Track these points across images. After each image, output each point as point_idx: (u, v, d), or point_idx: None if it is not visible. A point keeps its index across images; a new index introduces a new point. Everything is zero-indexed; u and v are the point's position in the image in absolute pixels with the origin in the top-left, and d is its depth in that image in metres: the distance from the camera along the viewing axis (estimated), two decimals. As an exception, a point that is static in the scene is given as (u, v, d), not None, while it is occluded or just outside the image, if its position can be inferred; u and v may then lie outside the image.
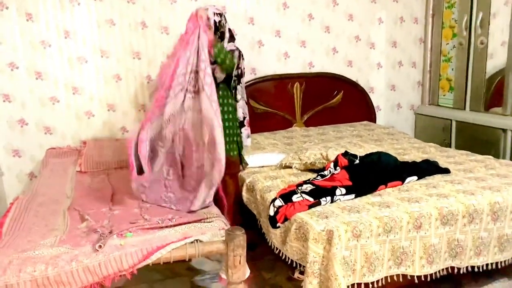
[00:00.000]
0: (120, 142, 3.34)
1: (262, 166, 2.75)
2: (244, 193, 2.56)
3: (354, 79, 4.09)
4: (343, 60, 4.06)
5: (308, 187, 2.14)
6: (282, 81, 3.85)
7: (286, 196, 2.09)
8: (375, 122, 4.17)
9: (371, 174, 2.27)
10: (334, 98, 4.00)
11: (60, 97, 3.33)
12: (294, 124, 3.90)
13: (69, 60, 3.30)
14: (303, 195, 2.07)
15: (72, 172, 2.93)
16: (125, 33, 3.38)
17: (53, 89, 3.30)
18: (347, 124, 3.96)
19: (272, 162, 2.79)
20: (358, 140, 3.23)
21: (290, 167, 2.67)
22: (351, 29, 4.01)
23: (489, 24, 3.57)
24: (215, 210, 2.11)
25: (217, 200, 2.27)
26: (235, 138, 2.51)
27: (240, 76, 2.53)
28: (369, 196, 2.15)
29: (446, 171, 2.49)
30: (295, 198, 2.06)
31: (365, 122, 4.05)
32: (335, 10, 3.92)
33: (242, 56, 2.54)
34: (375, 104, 4.21)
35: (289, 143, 3.37)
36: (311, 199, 2.03)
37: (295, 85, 3.86)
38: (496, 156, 3.32)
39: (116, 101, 3.47)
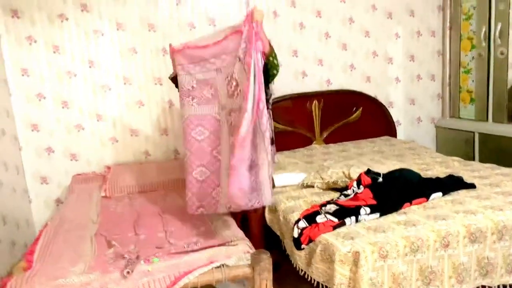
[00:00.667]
0: (144, 166, 3.42)
1: (284, 186, 2.76)
2: (267, 214, 2.57)
3: (372, 95, 4.08)
4: (361, 76, 4.07)
5: (332, 208, 2.14)
6: (300, 99, 3.88)
7: (310, 217, 2.09)
8: (395, 136, 4.13)
9: (395, 191, 2.25)
10: (353, 114, 4.00)
11: (85, 125, 3.44)
12: (314, 142, 3.91)
13: (93, 88, 3.42)
14: (327, 215, 2.06)
15: (97, 197, 3.01)
16: (146, 60, 3.49)
17: (78, 117, 3.42)
18: (368, 139, 3.94)
19: (293, 181, 2.79)
20: (380, 157, 3.21)
21: (312, 187, 2.67)
22: (368, 45, 4.03)
23: (508, 35, 3.54)
24: (239, 233, 2.12)
25: (242, 223, 2.29)
26: None
27: (269, 97, 2.52)
28: (394, 214, 2.12)
29: (471, 186, 2.44)
30: (319, 219, 2.06)
31: (385, 137, 4.02)
32: (351, 27, 3.95)
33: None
34: (394, 119, 4.18)
35: (309, 161, 3.37)
36: (336, 220, 2.03)
37: (314, 103, 3.88)
38: (523, 168, 3.25)
39: (139, 126, 3.56)
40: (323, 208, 2.16)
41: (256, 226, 2.57)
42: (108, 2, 3.34)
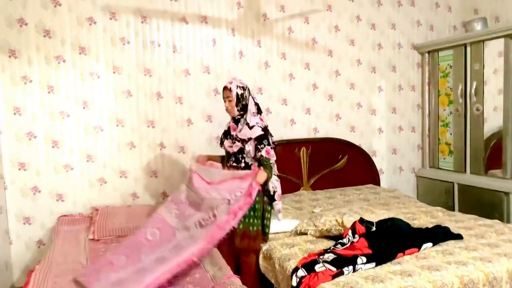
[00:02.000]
0: (132, 208, 3.38)
1: (277, 233, 2.78)
2: (261, 262, 2.57)
3: (357, 144, 4.24)
4: (346, 125, 4.24)
5: (330, 256, 2.18)
6: (289, 145, 3.99)
7: (309, 266, 2.12)
8: (379, 184, 4.27)
9: (388, 241, 2.32)
10: (339, 162, 4.13)
11: (74, 165, 3.41)
12: (301, 188, 3.98)
13: (86, 129, 3.42)
14: (326, 264, 2.10)
15: (85, 240, 2.94)
16: (140, 103, 3.54)
17: (68, 157, 3.39)
18: (353, 187, 4.05)
19: (286, 228, 2.83)
20: (367, 205, 3.30)
21: (306, 234, 2.71)
22: (353, 97, 4.24)
23: (483, 92, 3.81)
24: (237, 281, 2.11)
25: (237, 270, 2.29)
26: (258, 214, 2.55)
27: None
28: (389, 264, 2.18)
29: (459, 237, 2.55)
30: (317, 268, 2.09)
31: (370, 185, 4.14)
32: (338, 80, 4.16)
33: (271, 134, 2.71)
34: (378, 167, 4.33)
35: (298, 207, 3.42)
36: (334, 269, 2.06)
37: (302, 150, 3.99)
38: (501, 219, 3.41)
39: (129, 167, 3.55)
40: (321, 257, 2.19)
41: (249, 274, 2.56)
42: (107, 46, 3.43)
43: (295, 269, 2.15)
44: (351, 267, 2.09)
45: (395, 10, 4.35)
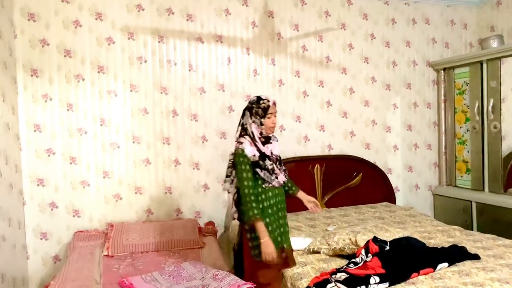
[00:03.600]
0: (146, 224, 3.41)
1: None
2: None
3: (372, 161, 4.21)
4: (361, 142, 4.22)
5: (342, 276, 2.15)
6: (303, 162, 3.98)
7: (320, 285, 2.09)
8: (394, 202, 4.20)
9: (402, 260, 2.28)
10: (354, 179, 4.09)
11: (90, 181, 3.48)
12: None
13: (103, 146, 3.49)
14: (338, 284, 2.07)
15: (99, 256, 2.98)
16: (156, 121, 3.61)
17: (85, 173, 3.46)
18: (368, 205, 4.00)
19: (299, 246, 2.80)
20: (382, 223, 3.25)
21: (319, 252, 2.68)
22: (367, 114, 4.23)
23: (500, 110, 3.75)
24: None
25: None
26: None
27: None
28: (403, 284, 2.13)
29: (476, 257, 2.48)
30: (329, 287, 2.06)
31: (385, 203, 4.08)
32: (352, 97, 4.17)
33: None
34: (393, 185, 4.28)
35: (312, 225, 3.39)
36: None
37: (316, 167, 3.98)
38: (521, 238, 3.31)
39: (144, 184, 3.60)
40: (333, 276, 2.17)
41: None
42: (124, 65, 3.52)
43: None
44: (363, 287, 2.05)
45: (409, 28, 4.36)
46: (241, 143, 2.34)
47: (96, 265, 2.83)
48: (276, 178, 2.37)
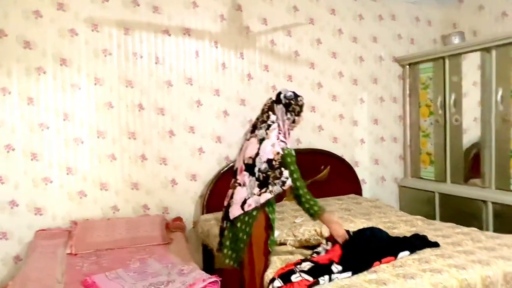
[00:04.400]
0: (112, 221, 3.35)
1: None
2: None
3: (339, 154, 4.27)
4: (329, 136, 4.28)
5: (306, 266, 2.17)
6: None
7: (285, 276, 2.11)
8: (361, 194, 4.29)
9: (365, 250, 2.33)
10: (322, 172, 4.14)
11: (53, 178, 3.37)
12: (284, 198, 3.97)
13: (66, 141, 3.39)
14: (302, 274, 2.09)
15: (62, 255, 2.90)
16: (122, 115, 3.54)
17: (47, 169, 3.35)
18: (335, 197, 4.06)
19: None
20: (349, 215, 3.32)
21: (285, 244, 2.70)
22: (335, 109, 4.29)
23: (461, 104, 3.88)
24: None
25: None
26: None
27: None
28: (365, 273, 2.18)
29: (435, 245, 2.56)
30: (294, 278, 2.08)
31: (352, 195, 4.16)
32: (320, 92, 4.21)
33: None
34: (360, 178, 4.36)
35: (281, 218, 3.41)
36: (310, 278, 2.06)
37: (284, 161, 3.99)
38: (480, 227, 3.44)
39: (110, 180, 3.52)
40: (297, 266, 2.19)
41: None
42: (88, 58, 3.43)
43: (272, 280, 2.14)
44: (327, 277, 2.08)
45: (376, 24, 4.44)
46: (285, 142, 2.30)
47: (58, 264, 2.75)
48: None
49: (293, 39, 4.10)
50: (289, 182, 2.25)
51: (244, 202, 2.30)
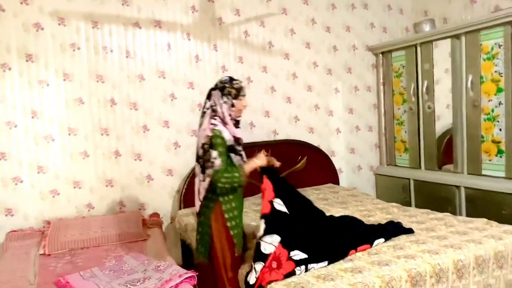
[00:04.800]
0: (87, 219, 3.28)
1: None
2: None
3: (316, 144, 4.29)
4: (305, 127, 4.29)
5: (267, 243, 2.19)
6: (249, 149, 3.90)
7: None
8: (338, 184, 4.33)
9: (341, 239, 2.35)
10: (299, 163, 4.14)
11: (23, 177, 3.27)
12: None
13: (35, 139, 3.29)
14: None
15: (35, 256, 2.83)
16: (93, 111, 3.45)
17: (17, 169, 3.25)
18: (313, 187, 4.08)
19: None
20: (325, 204, 3.34)
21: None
22: (310, 99, 4.29)
23: (434, 91, 3.94)
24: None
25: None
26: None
27: None
28: (341, 261, 2.20)
29: (410, 231, 2.61)
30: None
31: (329, 184, 4.20)
32: (295, 82, 4.21)
33: None
34: (337, 167, 4.40)
35: (258, 210, 3.41)
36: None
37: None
38: (453, 211, 3.53)
39: (83, 177, 3.44)
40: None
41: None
42: (56, 53, 3.32)
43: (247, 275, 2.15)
44: (303, 267, 2.10)
45: (349, 13, 4.45)
46: (215, 125, 2.22)
47: (31, 265, 2.68)
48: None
49: (267, 30, 4.07)
50: (217, 163, 2.16)
51: (198, 192, 2.31)
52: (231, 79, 2.35)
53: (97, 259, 2.72)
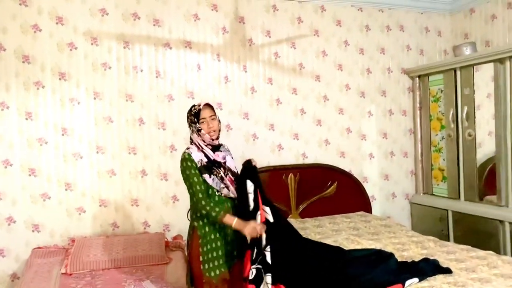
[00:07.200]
0: (110, 239, 3.25)
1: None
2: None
3: (347, 170, 4.12)
4: (336, 151, 4.14)
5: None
6: (277, 172, 3.87)
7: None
8: (370, 212, 4.11)
9: (370, 277, 2.18)
10: (329, 189, 3.99)
11: (51, 194, 3.30)
12: (290, 216, 3.84)
13: (64, 156, 3.32)
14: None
15: (57, 274, 2.80)
16: (122, 129, 3.46)
17: (45, 185, 3.28)
18: (343, 215, 3.89)
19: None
20: (355, 235, 3.16)
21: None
22: (342, 122, 4.15)
23: (474, 117, 3.71)
24: None
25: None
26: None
27: None
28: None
29: (448, 271, 2.39)
30: None
31: (361, 212, 3.99)
32: (326, 105, 4.08)
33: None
34: (369, 194, 4.19)
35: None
36: None
37: (290, 176, 3.87)
38: (496, 248, 3.25)
39: (109, 196, 3.43)
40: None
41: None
42: (87, 71, 3.37)
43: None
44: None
45: (384, 35, 4.31)
46: (188, 148, 2.27)
47: (52, 284, 2.66)
48: (227, 188, 2.24)
49: (298, 51, 4.00)
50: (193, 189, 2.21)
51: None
52: (191, 107, 2.33)
53: (116, 282, 2.66)
